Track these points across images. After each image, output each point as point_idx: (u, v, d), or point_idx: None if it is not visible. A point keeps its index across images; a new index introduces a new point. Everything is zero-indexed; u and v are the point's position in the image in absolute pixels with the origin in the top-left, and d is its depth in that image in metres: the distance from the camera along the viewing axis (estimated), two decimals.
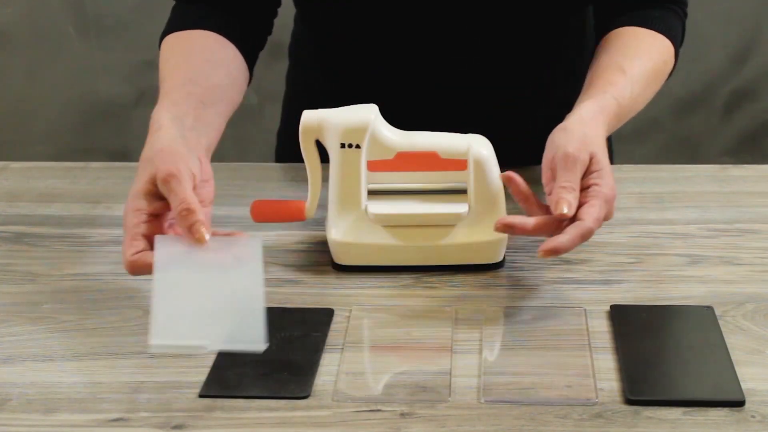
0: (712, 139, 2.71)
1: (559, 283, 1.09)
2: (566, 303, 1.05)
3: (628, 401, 0.90)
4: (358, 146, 1.09)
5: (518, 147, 1.24)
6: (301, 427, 0.88)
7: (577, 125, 1.07)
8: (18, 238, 1.21)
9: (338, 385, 0.92)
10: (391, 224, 1.10)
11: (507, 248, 1.12)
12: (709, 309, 1.03)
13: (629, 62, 1.18)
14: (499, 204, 1.11)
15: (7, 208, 1.28)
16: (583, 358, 0.95)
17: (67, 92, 2.68)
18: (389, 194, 1.11)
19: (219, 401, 0.91)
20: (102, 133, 2.69)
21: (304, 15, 1.38)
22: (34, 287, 1.10)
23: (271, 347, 0.97)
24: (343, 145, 1.09)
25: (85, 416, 0.89)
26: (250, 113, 2.53)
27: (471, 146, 1.10)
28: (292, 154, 1.21)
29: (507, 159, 1.14)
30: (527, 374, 0.93)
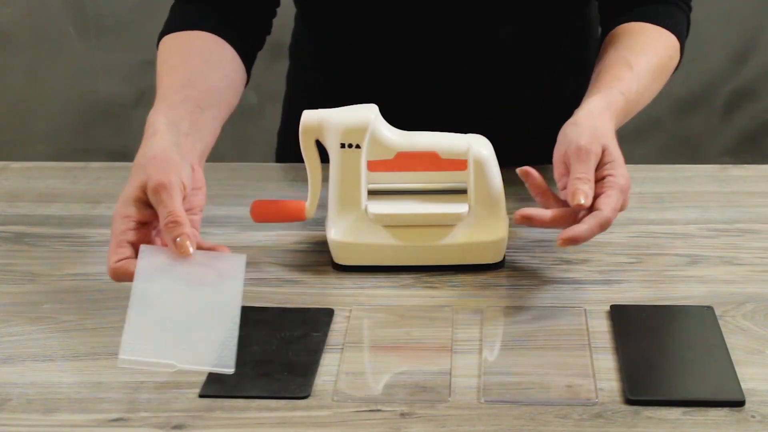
0: (712, 139, 2.71)
1: (559, 283, 1.09)
2: (566, 303, 1.05)
3: (628, 401, 0.90)
4: (358, 146, 1.09)
5: (518, 147, 1.24)
6: (301, 427, 0.88)
7: (586, 119, 1.09)
8: (18, 238, 1.21)
9: (338, 385, 0.92)
10: (391, 224, 1.10)
11: (507, 248, 1.12)
12: (709, 309, 1.03)
13: (636, 58, 1.20)
14: (499, 204, 1.11)
15: (7, 208, 1.28)
16: (583, 358, 0.95)
17: (67, 92, 2.68)
18: (389, 194, 1.11)
19: (219, 401, 0.91)
20: (102, 133, 2.69)
21: (304, 15, 1.38)
22: (34, 287, 1.10)
23: (271, 347, 0.97)
24: (343, 145, 1.09)
25: (85, 416, 0.89)
26: (250, 113, 2.53)
27: (471, 146, 1.10)
28: (292, 154, 1.21)
29: (507, 159, 1.14)
30: (527, 374, 0.93)
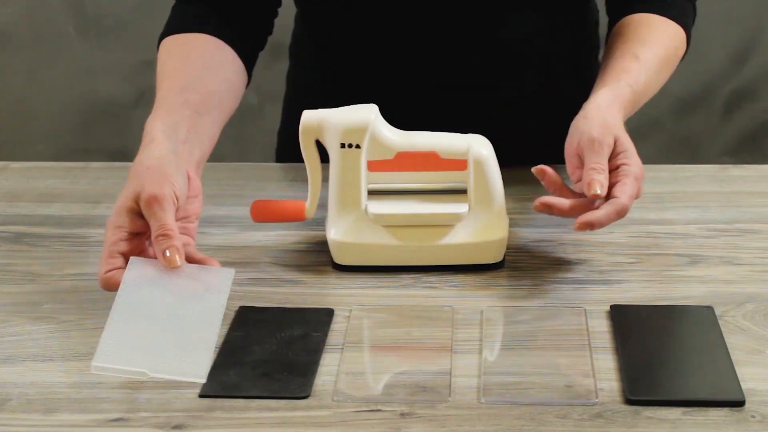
0: (712, 139, 2.71)
1: (559, 283, 1.09)
2: (566, 303, 1.05)
3: (628, 401, 0.90)
4: (358, 146, 1.09)
5: (518, 147, 1.24)
6: (301, 427, 0.88)
7: (595, 112, 1.11)
8: (18, 238, 1.21)
9: (338, 385, 0.92)
10: (391, 224, 1.10)
11: (507, 248, 1.12)
12: (709, 309, 1.03)
13: (642, 49, 1.22)
14: (499, 204, 1.11)
15: (7, 208, 1.28)
16: (583, 358, 0.95)
17: (67, 92, 2.67)
18: (389, 194, 1.11)
19: (219, 401, 0.91)
20: (102, 133, 2.69)
21: (304, 15, 1.38)
22: (34, 287, 1.10)
23: (271, 347, 0.97)
24: (343, 145, 1.09)
25: (85, 416, 0.89)
26: (250, 113, 2.53)
27: (471, 146, 1.10)
28: (292, 154, 1.21)
29: (507, 159, 1.14)
30: (527, 374, 0.93)
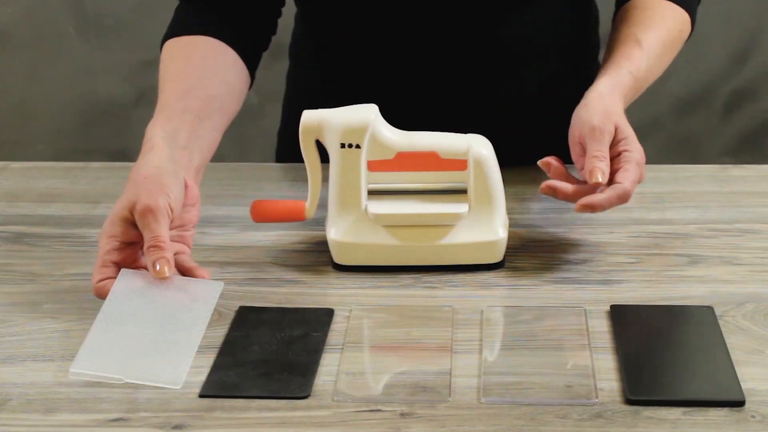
0: (712, 139, 2.71)
1: (559, 283, 1.09)
2: (566, 303, 1.05)
3: (628, 401, 0.90)
4: (358, 146, 1.09)
5: (518, 147, 1.24)
6: (301, 427, 0.88)
7: (596, 100, 1.13)
8: (18, 238, 1.21)
9: (338, 385, 0.92)
10: (391, 224, 1.10)
11: (507, 248, 1.12)
12: (709, 309, 1.03)
13: (645, 34, 1.23)
14: (499, 204, 1.11)
15: (7, 208, 1.28)
16: (583, 358, 0.95)
17: (67, 92, 2.67)
18: (389, 194, 1.11)
19: (219, 401, 0.91)
20: (102, 133, 2.69)
21: (304, 14, 1.38)
22: (34, 287, 1.10)
23: (271, 347, 0.97)
24: (343, 145, 1.09)
25: (85, 416, 0.89)
26: (250, 113, 2.52)
27: (471, 146, 1.10)
28: (292, 154, 1.21)
29: (507, 159, 1.14)
30: (527, 374, 0.93)
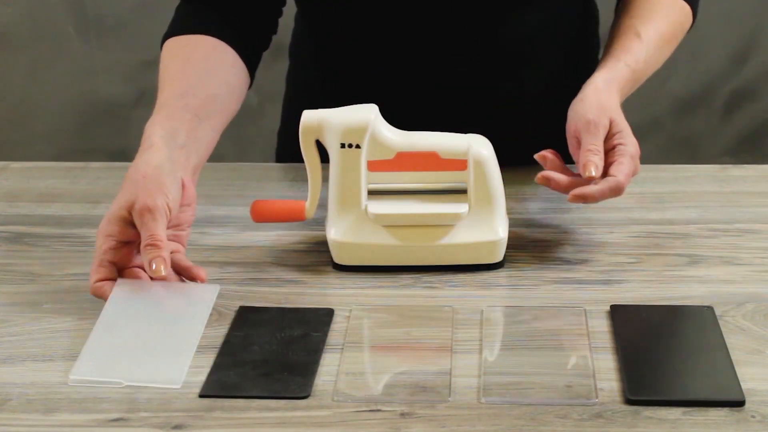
0: (712, 139, 2.70)
1: (559, 283, 1.09)
2: (566, 303, 1.05)
3: (628, 401, 0.90)
4: (358, 146, 1.09)
5: (518, 147, 1.24)
6: (301, 427, 0.88)
7: (592, 95, 1.15)
8: (18, 238, 1.21)
9: (338, 385, 0.92)
10: (391, 224, 1.10)
11: (507, 248, 1.12)
12: (709, 309, 1.03)
13: (645, 26, 1.24)
14: (499, 204, 1.11)
15: (7, 208, 1.28)
16: (583, 358, 0.95)
17: (67, 92, 2.67)
18: (389, 194, 1.11)
19: (219, 401, 0.91)
20: (102, 133, 2.69)
21: (304, 14, 1.38)
22: (34, 287, 1.10)
23: (271, 347, 0.97)
24: (343, 145, 1.09)
25: (85, 416, 0.89)
26: (250, 113, 2.52)
27: (471, 146, 1.10)
28: (292, 154, 1.21)
29: (507, 159, 1.14)
30: (527, 374, 0.93)
